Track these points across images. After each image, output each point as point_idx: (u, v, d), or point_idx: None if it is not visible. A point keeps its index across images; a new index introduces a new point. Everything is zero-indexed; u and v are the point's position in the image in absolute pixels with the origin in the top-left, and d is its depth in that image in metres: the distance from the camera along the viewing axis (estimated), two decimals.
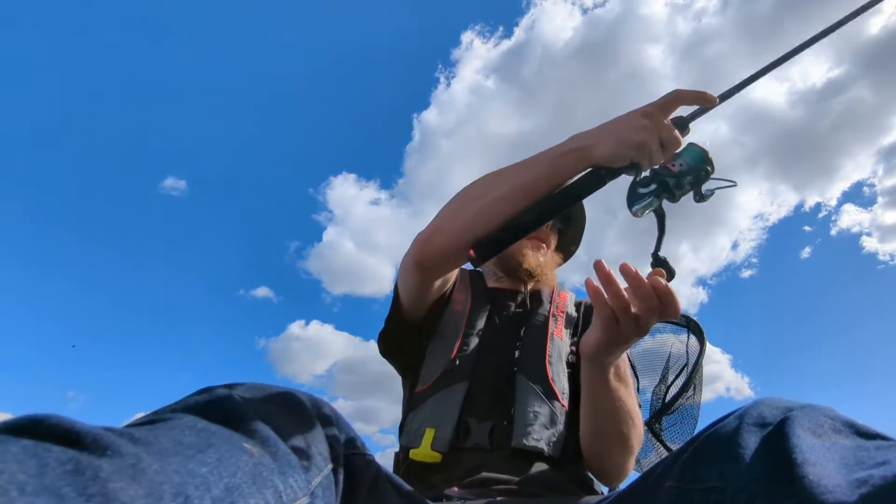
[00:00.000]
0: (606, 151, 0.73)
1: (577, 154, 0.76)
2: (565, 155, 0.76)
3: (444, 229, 0.84)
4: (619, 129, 0.73)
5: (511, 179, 0.79)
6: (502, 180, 0.79)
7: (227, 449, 0.38)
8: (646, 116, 0.73)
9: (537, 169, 0.78)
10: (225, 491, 0.35)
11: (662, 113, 0.74)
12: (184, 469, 0.33)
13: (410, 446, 0.93)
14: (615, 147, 0.73)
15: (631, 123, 0.73)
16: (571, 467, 0.94)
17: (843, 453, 0.41)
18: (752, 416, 0.48)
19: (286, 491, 0.40)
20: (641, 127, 0.72)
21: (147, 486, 0.30)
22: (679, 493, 0.50)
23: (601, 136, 0.74)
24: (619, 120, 0.75)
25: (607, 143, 0.73)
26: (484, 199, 0.79)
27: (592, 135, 0.76)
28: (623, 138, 0.72)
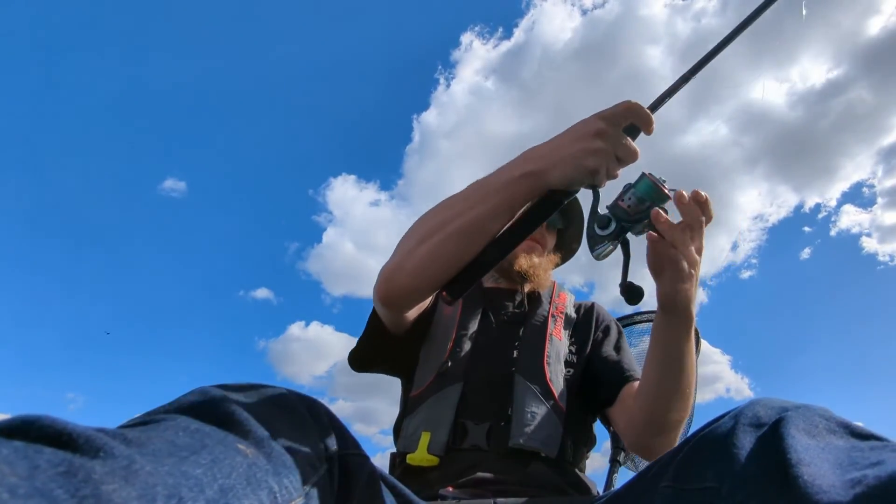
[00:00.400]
0: (561, 176, 0.70)
1: (531, 179, 0.72)
2: (519, 181, 0.72)
3: (405, 267, 0.80)
4: (574, 152, 0.69)
5: (466, 212, 0.74)
6: (457, 213, 0.75)
7: (221, 450, 0.38)
8: (599, 136, 0.68)
9: (491, 200, 0.73)
10: (219, 492, 0.34)
11: (616, 128, 0.69)
12: (177, 470, 0.33)
13: (407, 451, 0.92)
14: (570, 172, 0.69)
15: (584, 146, 0.69)
16: (568, 468, 0.95)
17: (837, 454, 0.41)
18: (748, 417, 0.48)
19: (281, 492, 0.40)
20: (595, 150, 0.68)
21: (140, 487, 0.30)
22: (674, 492, 0.51)
23: (555, 160, 0.70)
24: (572, 139, 0.70)
25: (561, 167, 0.70)
26: (440, 235, 0.75)
27: (545, 156, 0.71)
28: (578, 163, 0.69)
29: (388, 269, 0.83)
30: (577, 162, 0.69)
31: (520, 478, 0.87)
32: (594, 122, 0.69)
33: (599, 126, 0.69)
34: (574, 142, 0.70)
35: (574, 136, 0.70)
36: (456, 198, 0.78)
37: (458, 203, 0.76)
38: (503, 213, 0.73)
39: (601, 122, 0.69)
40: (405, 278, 0.80)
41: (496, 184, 0.74)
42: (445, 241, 0.74)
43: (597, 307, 1.20)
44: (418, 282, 0.79)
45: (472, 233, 0.74)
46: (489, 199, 0.73)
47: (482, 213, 0.73)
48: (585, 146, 0.68)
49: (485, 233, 0.74)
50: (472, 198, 0.75)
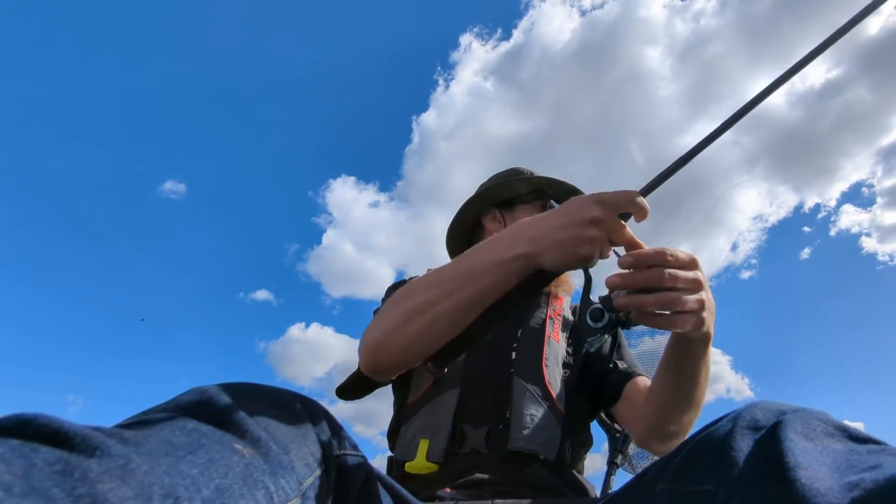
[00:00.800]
0: (555, 261, 0.69)
1: (523, 261, 0.70)
2: (511, 262, 0.71)
3: (392, 344, 0.77)
4: (568, 238, 0.68)
5: (456, 293, 0.73)
6: (447, 293, 0.73)
7: (217, 450, 0.38)
8: (594, 224, 0.67)
9: (482, 280, 0.72)
10: (215, 492, 0.34)
11: (612, 215, 0.68)
12: (174, 470, 0.33)
13: (405, 458, 0.92)
14: (564, 258, 0.68)
15: (579, 234, 0.67)
16: (567, 470, 0.95)
17: (835, 457, 0.41)
18: (746, 420, 0.48)
19: (277, 492, 0.40)
20: (590, 239, 0.67)
21: (136, 486, 0.30)
22: (672, 495, 0.51)
23: (548, 243, 0.69)
24: (567, 224, 0.68)
25: (555, 253, 0.68)
26: (429, 315, 0.73)
27: (538, 239, 0.70)
28: (572, 250, 0.68)
29: (374, 343, 0.79)
30: (571, 249, 0.68)
31: (518, 479, 0.87)
32: (590, 209, 0.68)
33: (595, 214, 0.67)
34: (569, 227, 0.68)
35: (569, 220, 0.68)
36: (445, 274, 0.76)
37: (448, 282, 0.74)
38: (493, 293, 0.72)
39: (597, 209, 0.67)
40: (392, 355, 0.78)
41: (487, 263, 0.72)
42: (434, 322, 0.73)
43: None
44: (405, 357, 0.78)
45: (462, 313, 0.73)
46: (480, 280, 0.72)
47: (472, 294, 0.72)
48: (580, 234, 0.67)
49: (474, 312, 0.73)
50: (462, 277, 0.73)
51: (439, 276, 0.76)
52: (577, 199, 0.70)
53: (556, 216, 0.70)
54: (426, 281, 0.77)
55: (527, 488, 0.87)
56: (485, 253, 0.74)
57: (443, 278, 0.75)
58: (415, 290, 0.77)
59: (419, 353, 0.77)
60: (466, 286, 0.72)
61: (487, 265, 0.72)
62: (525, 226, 0.73)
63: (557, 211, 0.71)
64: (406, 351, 0.77)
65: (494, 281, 0.71)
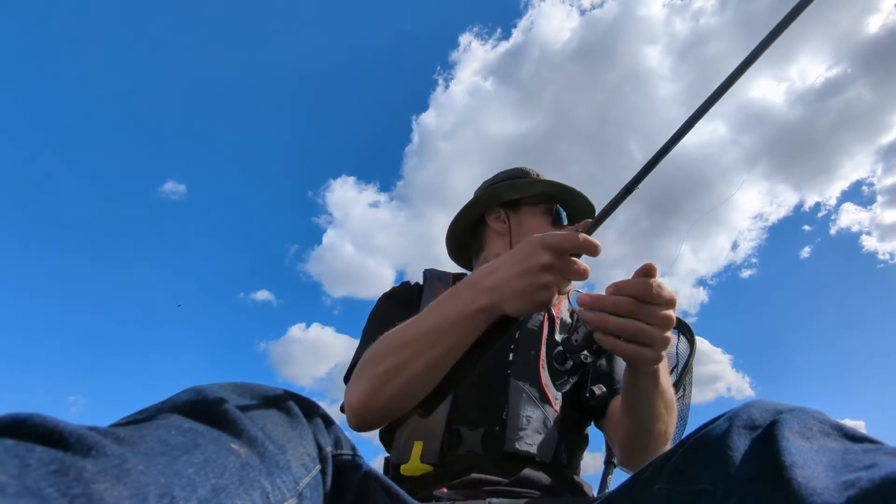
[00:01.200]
0: (515, 309, 0.73)
1: (486, 314, 0.74)
2: (474, 316, 0.74)
3: (374, 405, 0.80)
4: (524, 287, 0.71)
5: (426, 351, 0.76)
6: (417, 353, 0.76)
7: (214, 449, 0.37)
8: (547, 269, 0.70)
9: (448, 337, 0.75)
10: (212, 492, 0.34)
11: (563, 258, 0.71)
12: (170, 470, 0.33)
13: (400, 461, 0.92)
14: (523, 305, 0.72)
15: (534, 281, 0.71)
16: (564, 471, 0.95)
17: (831, 456, 0.41)
18: (742, 419, 0.48)
19: (273, 492, 0.40)
20: (545, 284, 0.71)
21: (132, 486, 0.29)
22: (669, 494, 0.51)
23: (506, 294, 0.72)
24: (521, 272, 0.71)
25: (514, 302, 0.72)
26: (405, 375, 0.76)
27: (495, 289, 0.73)
28: (530, 298, 0.71)
29: (356, 406, 0.81)
30: (528, 296, 0.71)
31: (515, 479, 0.87)
32: (540, 255, 0.71)
33: (545, 260, 0.70)
34: (523, 275, 0.71)
35: (522, 268, 0.71)
36: (413, 333, 0.78)
37: (417, 341, 0.77)
38: (462, 346, 0.76)
39: (547, 255, 0.70)
40: (375, 415, 0.81)
41: (451, 319, 0.75)
42: (411, 382, 0.76)
43: None
44: (389, 415, 0.81)
45: (436, 369, 0.76)
46: (447, 336, 0.75)
47: (442, 350, 0.75)
48: (535, 281, 0.70)
49: (448, 365, 0.76)
50: (430, 335, 0.76)
51: (407, 335, 0.79)
52: (527, 245, 0.73)
53: (510, 265, 0.73)
54: (396, 342, 0.79)
55: (523, 487, 0.87)
56: (448, 308, 0.76)
57: (411, 338, 0.78)
58: (386, 351, 0.80)
59: (402, 409, 0.80)
60: (436, 344, 0.75)
61: (452, 321, 0.75)
62: (482, 277, 0.76)
63: (510, 259, 0.74)
64: (389, 410, 0.80)
65: (461, 335, 0.75)
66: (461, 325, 0.75)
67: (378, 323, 1.05)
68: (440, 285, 1.15)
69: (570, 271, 0.71)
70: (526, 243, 0.74)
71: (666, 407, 0.83)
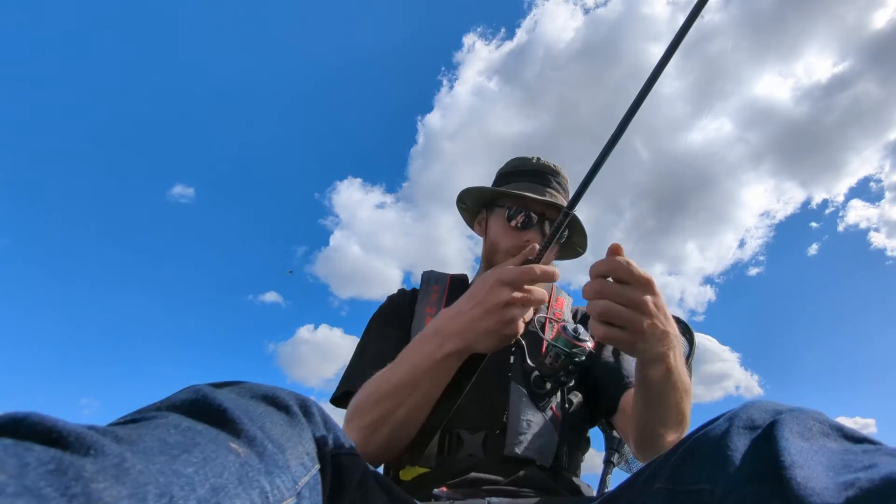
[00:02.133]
0: (485, 348, 0.78)
1: (456, 357, 0.79)
2: (445, 360, 0.78)
3: (366, 452, 0.81)
4: (490, 326, 0.75)
5: (406, 400, 0.80)
6: (398, 402, 0.80)
7: (212, 448, 0.37)
8: (509, 306, 0.75)
9: (424, 383, 0.79)
10: (210, 491, 0.34)
11: (522, 290, 0.75)
12: (168, 469, 0.33)
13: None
14: (492, 343, 0.77)
15: (499, 318, 0.75)
16: (564, 474, 0.95)
17: (830, 456, 0.41)
18: (742, 419, 0.48)
19: (273, 491, 0.40)
20: (509, 320, 0.75)
21: (131, 486, 0.29)
22: (668, 494, 0.51)
23: (473, 335, 0.76)
24: (483, 312, 0.75)
25: (483, 341, 0.76)
26: (389, 425, 0.81)
27: (462, 332, 0.77)
28: (497, 334, 0.76)
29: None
30: (495, 335, 0.76)
31: (514, 479, 0.87)
32: (500, 293, 0.75)
33: (505, 297, 0.74)
34: (487, 315, 0.75)
35: (484, 308, 0.75)
36: (390, 385, 0.81)
37: (395, 393, 0.80)
38: (439, 388, 0.81)
39: (506, 291, 0.75)
40: (370, 460, 0.83)
41: (423, 367, 0.79)
42: (397, 428, 0.81)
43: None
44: (383, 459, 0.86)
45: (418, 413, 0.81)
46: (423, 383, 0.79)
47: (420, 397, 0.80)
48: (499, 319, 0.75)
49: (428, 408, 0.82)
50: (406, 384, 0.80)
51: (385, 387, 0.82)
52: (484, 285, 0.77)
53: (472, 307, 0.77)
54: (377, 393, 0.83)
55: (522, 487, 0.87)
56: (418, 357, 0.80)
57: (389, 390, 0.81)
58: (368, 403, 0.83)
59: (395, 451, 0.85)
60: (413, 392, 0.80)
61: (425, 369, 0.79)
62: (447, 322, 0.80)
63: (471, 301, 0.78)
64: (381, 456, 0.86)
65: (436, 380, 0.80)
66: (434, 372, 0.79)
67: (362, 352, 1.08)
68: (436, 287, 1.15)
69: (531, 301, 0.76)
70: (482, 282, 0.78)
71: (682, 396, 0.80)
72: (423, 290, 1.16)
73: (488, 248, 1.13)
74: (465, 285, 1.19)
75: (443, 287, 1.16)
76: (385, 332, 1.09)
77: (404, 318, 1.11)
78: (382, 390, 0.82)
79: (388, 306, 1.16)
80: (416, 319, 1.10)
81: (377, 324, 1.13)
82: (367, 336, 1.12)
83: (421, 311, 1.11)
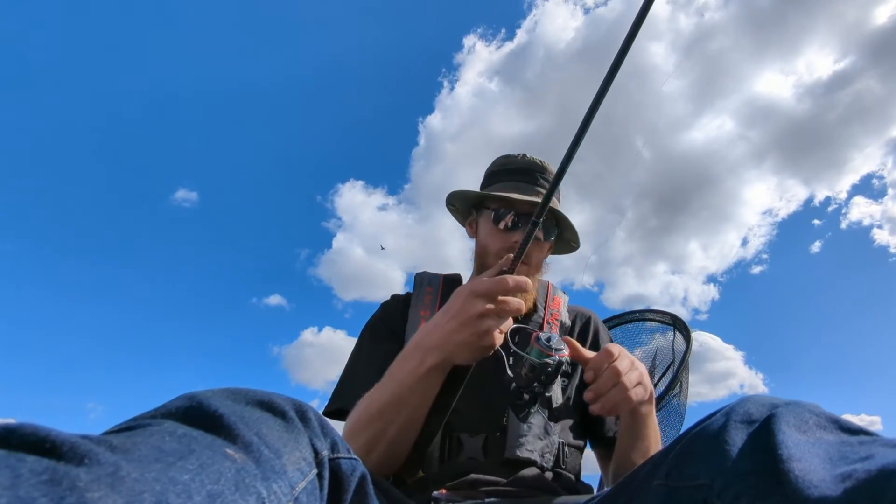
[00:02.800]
0: (463, 360, 0.80)
1: (439, 370, 0.81)
2: (428, 375, 0.80)
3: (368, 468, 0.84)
4: (466, 338, 0.77)
5: (395, 418, 0.82)
6: (387, 422, 0.82)
7: (209, 455, 0.37)
8: (484, 317, 0.76)
9: (411, 399, 0.81)
10: (207, 498, 0.34)
11: (496, 301, 0.77)
12: (164, 476, 0.32)
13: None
14: (471, 354, 0.79)
15: (474, 331, 0.77)
16: (564, 475, 0.95)
17: (827, 449, 0.42)
18: (739, 414, 0.49)
19: (269, 497, 0.39)
20: (485, 331, 0.77)
21: (127, 495, 0.29)
22: (667, 490, 0.51)
23: (451, 348, 0.78)
24: (459, 325, 0.77)
25: (461, 353, 0.78)
26: (382, 445, 0.82)
27: (440, 346, 0.79)
28: (474, 346, 0.78)
29: None
30: (474, 346, 0.78)
31: (514, 480, 0.87)
32: (474, 305, 0.77)
33: (479, 309, 0.76)
34: (463, 328, 0.77)
35: (460, 321, 0.77)
36: (377, 407, 0.83)
37: (383, 413, 0.82)
38: (425, 404, 0.83)
39: (480, 303, 0.77)
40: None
41: (407, 384, 0.81)
42: (391, 446, 0.83)
43: (595, 322, 1.19)
44: (382, 476, 0.86)
45: (408, 430, 0.83)
46: (408, 400, 0.81)
47: (408, 415, 0.82)
48: (475, 330, 0.77)
49: (419, 423, 0.84)
50: (392, 404, 0.82)
51: (374, 407, 0.84)
52: (459, 298, 0.79)
53: (447, 320, 0.79)
54: (367, 415, 0.84)
55: (522, 487, 0.87)
56: (402, 374, 0.82)
57: (378, 410, 0.83)
58: (360, 426, 0.85)
59: (392, 467, 0.87)
60: (400, 411, 0.81)
61: (410, 386, 0.81)
62: (424, 337, 0.82)
63: (446, 314, 0.80)
64: (380, 473, 0.84)
65: (422, 395, 0.82)
66: (418, 388, 0.81)
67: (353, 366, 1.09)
68: (429, 289, 1.15)
69: (506, 312, 0.78)
70: (457, 295, 0.80)
71: (654, 444, 0.92)
72: (416, 293, 1.16)
73: (479, 250, 1.13)
74: (458, 285, 1.18)
75: (436, 289, 1.16)
76: (374, 345, 1.08)
77: (396, 326, 1.10)
78: (372, 411, 0.84)
79: (379, 316, 1.15)
80: (410, 324, 1.09)
81: (367, 337, 1.12)
82: (359, 349, 1.11)
83: (415, 314, 1.11)
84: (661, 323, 1.97)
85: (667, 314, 1.95)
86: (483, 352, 0.79)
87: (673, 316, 1.93)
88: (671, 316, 1.93)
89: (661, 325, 1.97)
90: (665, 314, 1.96)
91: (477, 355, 0.79)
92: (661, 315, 1.97)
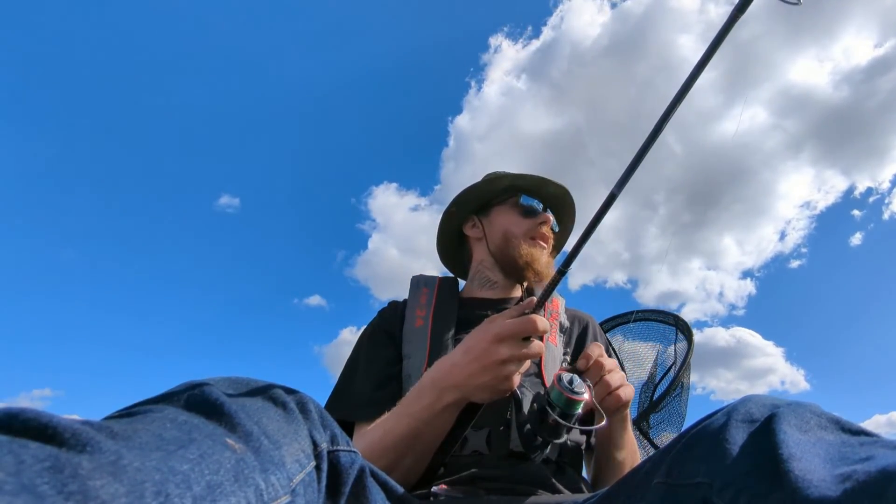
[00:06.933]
0: (482, 400, 0.80)
1: (456, 406, 0.81)
2: (444, 412, 0.81)
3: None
4: (487, 381, 0.77)
5: (410, 450, 0.82)
6: (401, 454, 0.83)
7: (209, 445, 0.37)
8: (506, 362, 0.76)
9: (426, 434, 0.82)
10: (206, 489, 0.34)
11: (518, 346, 0.76)
12: (165, 466, 0.32)
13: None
14: (490, 395, 0.79)
15: (496, 374, 0.76)
16: (568, 470, 0.95)
17: (828, 449, 0.42)
18: (740, 413, 0.49)
19: (267, 489, 0.39)
20: (506, 376, 0.76)
21: (128, 483, 0.29)
22: (667, 488, 0.51)
23: (471, 389, 0.78)
24: (481, 368, 0.76)
25: (480, 394, 0.78)
26: (397, 472, 0.82)
27: (460, 386, 0.78)
28: (495, 388, 0.78)
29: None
30: (494, 389, 0.78)
31: (515, 476, 0.87)
32: (497, 350, 0.76)
33: (503, 355, 0.75)
34: (484, 371, 0.76)
35: (482, 365, 0.76)
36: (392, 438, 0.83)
37: (398, 445, 0.83)
38: (439, 437, 0.84)
39: (504, 348, 0.76)
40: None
41: (423, 418, 0.81)
42: (406, 473, 0.84)
43: (593, 326, 1.20)
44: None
45: (421, 461, 0.85)
46: (423, 434, 0.82)
47: (422, 447, 0.83)
48: (497, 374, 0.76)
49: (431, 451, 0.85)
50: (407, 437, 0.82)
51: (388, 438, 0.84)
52: (482, 340, 0.77)
53: (469, 362, 0.77)
54: (379, 447, 0.84)
55: (522, 483, 0.87)
56: (418, 410, 0.82)
57: (393, 442, 0.83)
58: (373, 456, 0.84)
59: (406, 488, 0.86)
60: (415, 443, 0.83)
61: (425, 420, 0.81)
62: (443, 376, 0.81)
63: (467, 355, 0.78)
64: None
65: (437, 430, 0.83)
66: (434, 423, 0.81)
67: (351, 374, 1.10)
68: (425, 289, 1.17)
69: (527, 356, 0.77)
70: (480, 337, 0.78)
71: (631, 453, 0.97)
72: (412, 293, 1.18)
73: (501, 241, 1.18)
74: (454, 286, 1.21)
75: (431, 288, 1.18)
76: (372, 353, 1.10)
77: (394, 332, 1.11)
78: (387, 443, 0.83)
79: (377, 324, 1.17)
80: (408, 322, 1.11)
81: (365, 345, 1.13)
82: (356, 356, 1.13)
83: (411, 313, 1.13)
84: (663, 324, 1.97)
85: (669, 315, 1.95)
86: (501, 394, 0.79)
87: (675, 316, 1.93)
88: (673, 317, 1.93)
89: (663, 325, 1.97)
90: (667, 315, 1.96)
91: (495, 397, 0.79)
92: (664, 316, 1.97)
